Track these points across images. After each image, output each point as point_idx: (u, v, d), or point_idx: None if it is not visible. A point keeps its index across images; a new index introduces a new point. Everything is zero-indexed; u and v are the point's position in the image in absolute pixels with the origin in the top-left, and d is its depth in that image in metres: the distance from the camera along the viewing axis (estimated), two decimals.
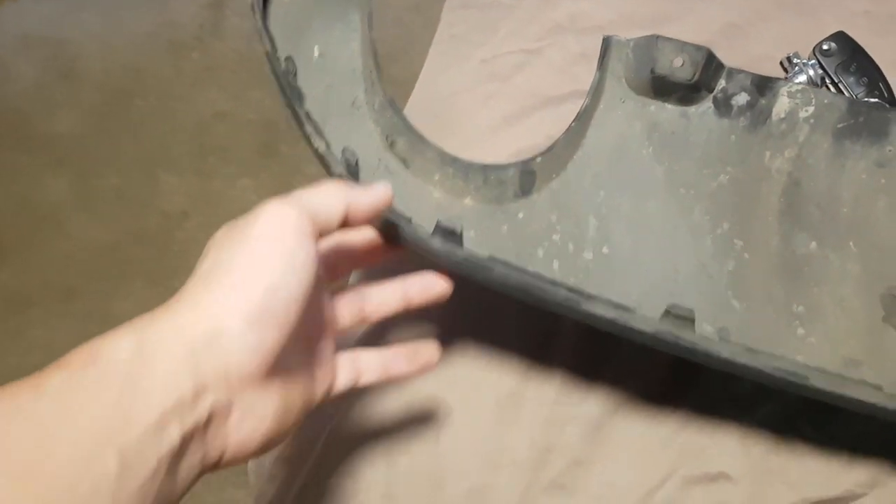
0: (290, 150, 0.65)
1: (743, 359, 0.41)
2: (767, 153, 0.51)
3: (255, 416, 0.29)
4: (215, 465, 0.28)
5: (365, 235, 0.36)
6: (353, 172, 0.43)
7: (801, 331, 0.46)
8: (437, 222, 0.41)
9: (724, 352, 0.41)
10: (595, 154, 0.50)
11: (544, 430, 0.47)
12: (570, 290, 0.42)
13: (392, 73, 0.60)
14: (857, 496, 0.46)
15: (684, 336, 0.41)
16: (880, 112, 0.50)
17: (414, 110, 0.59)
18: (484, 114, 0.59)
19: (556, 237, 0.48)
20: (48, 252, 0.61)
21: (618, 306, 0.42)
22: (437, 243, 0.36)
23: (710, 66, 0.49)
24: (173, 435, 0.24)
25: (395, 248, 0.37)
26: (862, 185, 0.50)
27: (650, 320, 0.41)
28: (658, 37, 0.49)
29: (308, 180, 0.33)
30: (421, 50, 0.64)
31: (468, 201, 0.48)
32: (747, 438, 0.47)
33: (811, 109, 0.50)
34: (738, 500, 0.46)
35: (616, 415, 0.48)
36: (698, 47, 0.49)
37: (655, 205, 0.49)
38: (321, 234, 0.30)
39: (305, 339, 0.32)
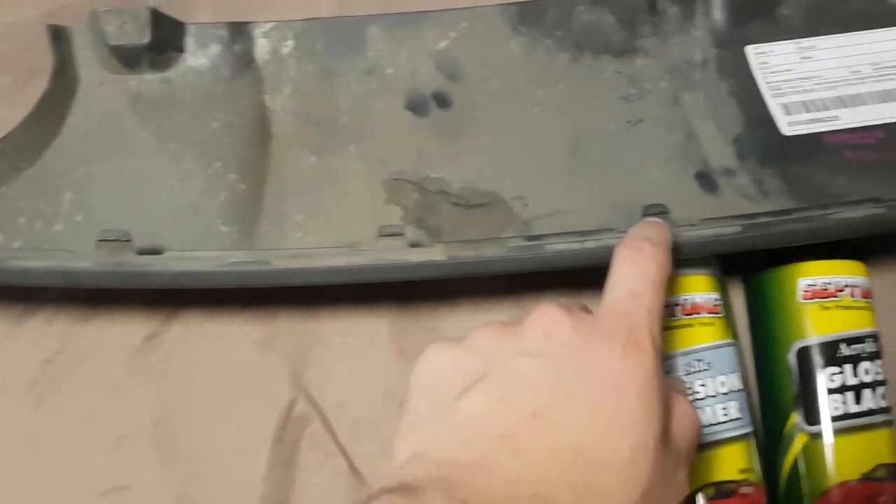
0: None
1: (180, 266, 0.38)
2: (267, 96, 0.50)
3: None
4: None
5: None
6: None
7: (298, 234, 0.44)
8: None
9: (161, 266, 0.38)
10: (77, 137, 0.47)
11: None
12: None
13: None
14: None
15: (125, 259, 0.38)
16: (350, 21, 0.50)
17: None
18: None
19: (22, 220, 0.44)
20: None
21: (49, 252, 0.38)
22: None
23: (163, 23, 0.48)
24: None
25: None
26: (358, 94, 0.49)
27: (85, 255, 0.38)
28: (99, 10, 0.48)
29: None
30: None
31: None
32: None
33: (291, 43, 0.50)
34: None
35: None
36: (140, 9, 0.48)
37: (142, 164, 0.47)
38: None
39: None
